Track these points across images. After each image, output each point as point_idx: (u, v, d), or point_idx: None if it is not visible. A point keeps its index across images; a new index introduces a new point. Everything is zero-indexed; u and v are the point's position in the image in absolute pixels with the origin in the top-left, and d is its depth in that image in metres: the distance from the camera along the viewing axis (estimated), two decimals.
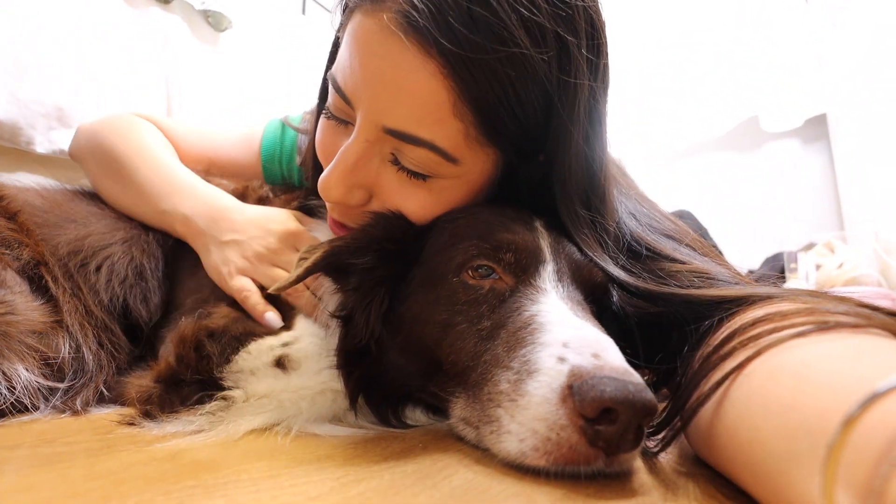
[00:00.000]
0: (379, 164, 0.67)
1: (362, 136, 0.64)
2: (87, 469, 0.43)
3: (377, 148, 0.65)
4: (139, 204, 0.87)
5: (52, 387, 0.63)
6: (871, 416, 0.27)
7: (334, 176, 0.66)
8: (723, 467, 0.46)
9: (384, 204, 0.68)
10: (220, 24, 1.97)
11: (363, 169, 0.66)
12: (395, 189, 0.67)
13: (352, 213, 0.71)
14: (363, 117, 0.64)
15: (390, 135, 0.63)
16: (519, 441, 0.45)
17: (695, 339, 0.56)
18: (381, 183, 0.67)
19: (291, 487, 0.40)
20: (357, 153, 0.65)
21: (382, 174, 0.67)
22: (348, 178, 0.66)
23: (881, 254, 2.13)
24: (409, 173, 0.66)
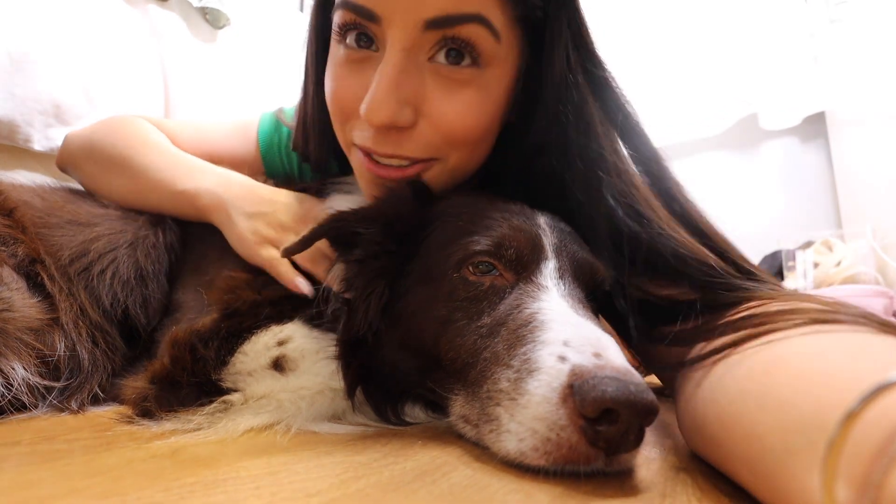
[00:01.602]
0: (420, 74, 0.65)
1: (399, 46, 0.63)
2: (86, 466, 0.43)
3: (416, 56, 0.64)
4: (151, 190, 0.86)
5: (48, 385, 0.63)
6: (871, 411, 0.27)
7: (379, 94, 0.63)
8: (720, 463, 0.46)
9: (432, 118, 0.66)
10: (218, 22, 1.96)
11: (407, 81, 0.64)
12: (442, 96, 0.66)
13: (400, 140, 0.67)
14: (399, 22, 0.61)
15: (432, 28, 0.61)
16: (518, 440, 0.45)
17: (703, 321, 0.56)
18: (426, 94, 0.65)
19: (290, 484, 0.40)
20: (398, 65, 0.63)
21: (427, 83, 0.65)
22: (395, 93, 0.63)
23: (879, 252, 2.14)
24: (453, 73, 0.65)
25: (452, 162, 0.72)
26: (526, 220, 0.63)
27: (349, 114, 0.70)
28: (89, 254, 0.78)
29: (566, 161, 0.69)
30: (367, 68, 0.66)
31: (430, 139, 0.68)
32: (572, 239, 0.65)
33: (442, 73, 0.65)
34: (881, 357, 0.37)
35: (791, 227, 2.55)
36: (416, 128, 0.67)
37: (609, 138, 0.69)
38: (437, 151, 0.70)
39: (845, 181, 2.52)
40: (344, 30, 0.67)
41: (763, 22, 2.69)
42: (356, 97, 0.67)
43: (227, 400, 0.60)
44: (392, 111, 0.64)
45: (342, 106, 0.70)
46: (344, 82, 0.69)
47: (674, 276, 0.62)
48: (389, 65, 0.63)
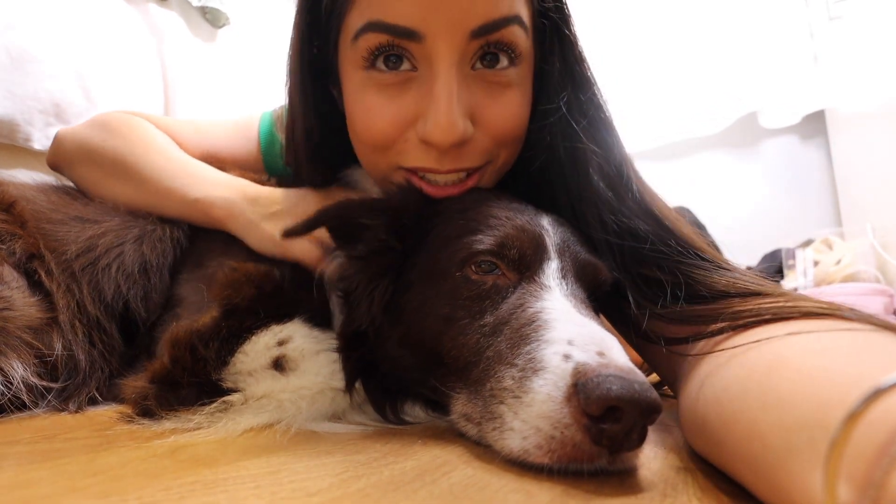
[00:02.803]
0: (468, 84, 0.65)
1: (449, 61, 0.62)
2: (86, 465, 0.43)
3: (463, 67, 0.64)
4: (160, 198, 0.84)
5: (46, 386, 0.63)
6: (873, 411, 0.27)
7: (446, 114, 0.63)
8: (721, 462, 0.46)
9: (486, 125, 0.67)
10: (218, 21, 1.96)
11: (462, 95, 0.64)
12: (491, 102, 0.67)
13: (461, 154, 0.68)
14: (445, 36, 0.61)
15: (477, 37, 0.62)
16: (522, 438, 0.45)
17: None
18: (477, 102, 0.66)
19: (291, 483, 0.40)
20: (453, 80, 0.63)
21: (475, 92, 0.66)
22: (458, 110, 0.63)
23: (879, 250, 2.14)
24: (496, 77, 0.66)
25: (501, 161, 0.73)
26: (529, 220, 0.64)
27: (392, 141, 0.68)
28: (97, 248, 0.78)
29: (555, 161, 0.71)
30: (408, 91, 0.66)
31: (486, 146, 0.69)
32: (575, 239, 0.65)
33: (487, 78, 0.67)
34: (883, 356, 0.37)
35: (791, 225, 2.55)
36: (473, 139, 0.68)
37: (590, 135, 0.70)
38: (490, 155, 0.71)
39: (845, 179, 2.52)
40: (375, 55, 0.65)
41: (763, 20, 2.69)
42: (401, 123, 0.66)
43: (227, 400, 0.60)
44: (462, 129, 0.64)
45: (383, 135, 0.68)
46: (383, 111, 0.67)
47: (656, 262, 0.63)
48: (446, 82, 0.63)
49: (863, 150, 2.35)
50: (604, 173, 0.69)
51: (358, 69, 0.67)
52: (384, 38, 0.63)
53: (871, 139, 2.26)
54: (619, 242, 0.65)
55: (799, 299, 0.52)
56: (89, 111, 1.46)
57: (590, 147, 0.68)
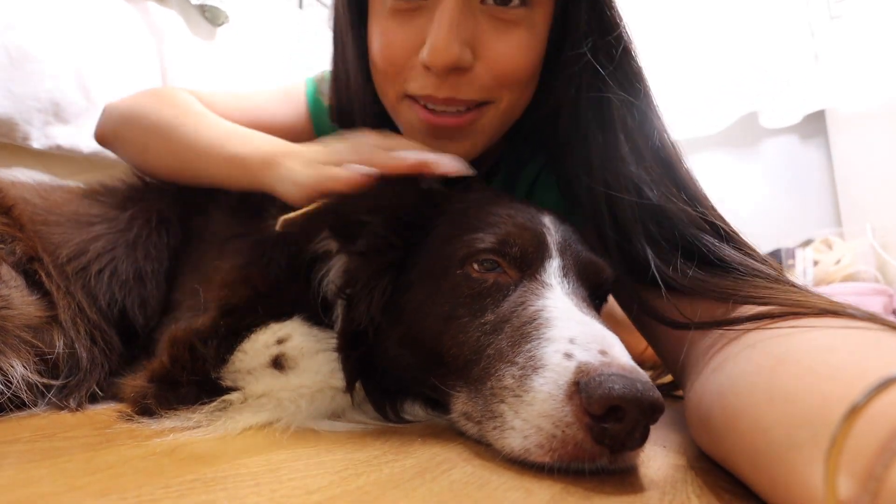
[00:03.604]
0: (475, 17, 0.67)
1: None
2: (85, 463, 0.42)
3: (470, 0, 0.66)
4: (199, 157, 0.82)
5: (47, 384, 0.63)
6: (875, 406, 0.27)
7: (443, 36, 0.65)
8: (722, 456, 0.46)
9: (488, 59, 0.68)
10: (217, 19, 1.96)
11: (465, 23, 0.66)
12: (496, 37, 0.68)
13: (459, 84, 0.69)
14: None
15: None
16: (523, 437, 0.45)
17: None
18: (481, 36, 0.68)
19: (290, 481, 0.40)
20: (454, 7, 0.65)
21: (481, 25, 0.68)
22: (457, 35, 0.65)
23: (878, 250, 2.14)
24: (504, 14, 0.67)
25: (504, 104, 0.74)
26: (530, 217, 0.63)
27: (401, 65, 0.71)
28: (88, 253, 0.77)
29: (577, 125, 0.71)
30: (417, 17, 0.68)
31: (486, 81, 0.70)
32: (576, 238, 0.65)
33: (494, 14, 0.68)
34: (890, 353, 0.37)
35: (791, 224, 2.55)
36: (472, 70, 0.69)
37: (623, 108, 0.70)
38: (491, 93, 0.72)
39: (845, 179, 2.52)
40: None
41: (763, 20, 2.69)
42: (408, 48, 0.69)
43: (226, 399, 0.60)
44: (456, 52, 0.66)
45: (394, 58, 0.71)
46: (394, 35, 0.70)
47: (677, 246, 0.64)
48: (448, 7, 0.65)
49: (863, 149, 2.35)
50: (626, 125, 0.69)
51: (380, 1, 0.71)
52: None
53: (871, 139, 2.27)
54: (637, 200, 0.66)
55: (813, 295, 0.52)
56: (88, 110, 1.46)
57: (616, 96, 0.69)
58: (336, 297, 0.67)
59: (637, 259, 0.65)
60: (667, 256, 0.63)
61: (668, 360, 0.71)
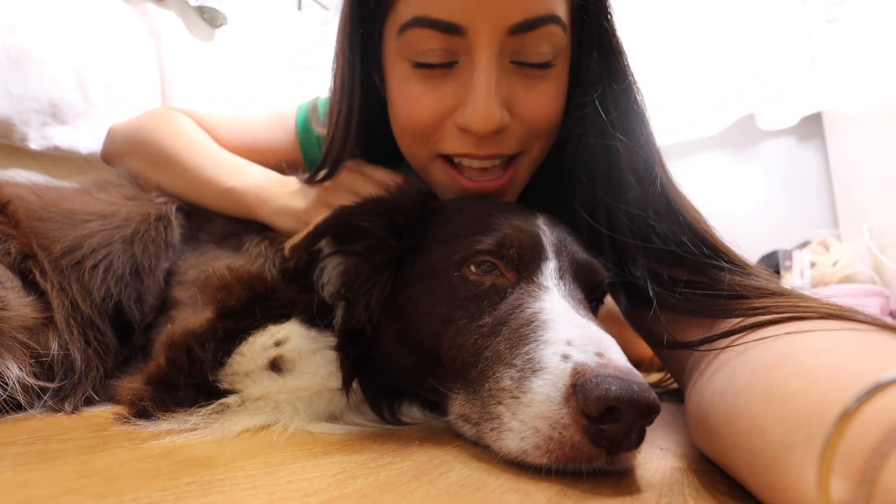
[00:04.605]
0: (507, 76, 0.68)
1: (488, 53, 0.65)
2: (82, 466, 0.42)
3: (502, 60, 0.67)
4: (199, 188, 0.88)
5: (42, 386, 0.63)
6: (869, 409, 0.27)
7: (484, 102, 0.66)
8: (719, 456, 0.46)
9: (521, 115, 0.70)
10: (216, 21, 1.96)
11: (502, 86, 0.67)
12: (527, 93, 0.69)
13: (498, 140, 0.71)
14: (485, 30, 0.64)
15: (515, 33, 0.65)
16: (520, 439, 0.45)
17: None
18: (514, 93, 0.69)
19: (288, 484, 0.40)
20: (492, 71, 0.66)
21: (513, 83, 0.69)
22: (496, 99, 0.66)
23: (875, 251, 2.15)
24: (532, 71, 0.69)
25: (535, 152, 0.76)
26: (526, 220, 0.64)
27: (432, 129, 0.72)
28: (82, 248, 0.77)
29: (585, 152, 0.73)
30: (447, 81, 0.69)
31: (520, 135, 0.72)
32: (572, 240, 0.65)
33: (523, 71, 0.69)
34: (887, 355, 0.37)
35: (788, 226, 2.56)
36: (509, 128, 0.71)
37: (621, 126, 0.72)
38: (524, 144, 0.74)
39: (842, 181, 2.53)
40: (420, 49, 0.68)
41: (761, 22, 2.70)
42: (441, 111, 0.70)
43: (224, 402, 0.60)
44: (499, 116, 0.67)
45: (426, 122, 0.71)
46: (423, 100, 0.70)
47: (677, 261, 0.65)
48: (485, 73, 0.66)
49: (860, 151, 2.36)
50: (633, 167, 0.71)
51: (402, 60, 0.70)
52: (429, 35, 0.66)
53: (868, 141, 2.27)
54: (642, 235, 0.67)
55: (815, 301, 0.53)
56: (87, 111, 1.46)
57: (620, 139, 0.70)
58: (335, 298, 0.68)
59: (637, 285, 0.66)
60: (669, 282, 0.64)
61: (671, 365, 0.71)
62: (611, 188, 0.71)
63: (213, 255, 0.80)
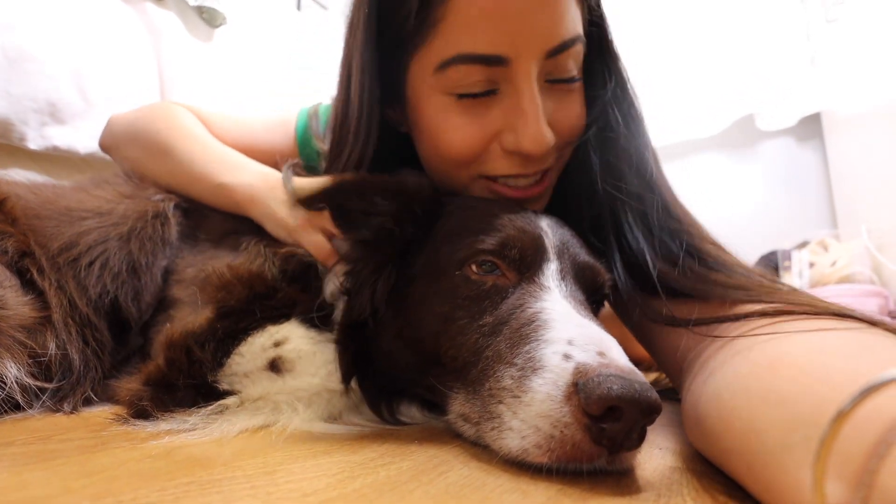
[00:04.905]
0: (545, 95, 0.70)
1: (530, 78, 0.67)
2: (80, 466, 0.42)
3: (541, 82, 0.69)
4: (192, 182, 0.89)
5: (41, 386, 0.63)
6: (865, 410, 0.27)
7: (536, 125, 0.68)
8: (717, 457, 0.46)
9: (558, 129, 0.72)
10: (215, 21, 1.96)
11: (544, 106, 0.70)
12: (561, 108, 0.73)
13: (547, 160, 0.74)
14: (526, 57, 0.66)
15: (551, 56, 0.68)
16: (521, 438, 0.45)
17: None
18: (550, 111, 0.71)
19: (287, 484, 0.40)
20: (536, 95, 0.68)
21: (548, 103, 0.71)
22: (544, 120, 0.69)
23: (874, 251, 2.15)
24: (562, 86, 0.72)
25: (562, 161, 0.79)
26: (529, 221, 0.64)
27: (476, 155, 0.73)
28: (78, 245, 0.77)
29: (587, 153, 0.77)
30: (490, 109, 0.70)
31: (558, 145, 0.74)
32: (574, 241, 0.65)
33: (556, 88, 0.72)
34: (884, 355, 0.37)
35: (787, 226, 2.56)
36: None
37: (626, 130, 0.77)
38: (560, 154, 0.77)
39: (841, 181, 2.53)
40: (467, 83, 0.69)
41: (760, 23, 2.70)
42: (486, 137, 0.71)
43: (223, 403, 0.60)
44: (550, 137, 0.69)
45: (472, 150, 0.72)
46: (469, 129, 0.71)
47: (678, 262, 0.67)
48: (532, 98, 0.68)
49: (859, 152, 2.36)
50: (630, 162, 0.74)
51: (441, 94, 0.71)
52: (474, 69, 0.67)
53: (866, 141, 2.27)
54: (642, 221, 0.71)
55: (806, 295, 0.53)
56: (85, 111, 1.46)
57: (621, 136, 0.74)
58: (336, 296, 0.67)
59: (637, 266, 0.68)
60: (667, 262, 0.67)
61: (666, 364, 0.71)
62: (611, 181, 0.74)
63: (212, 254, 0.79)
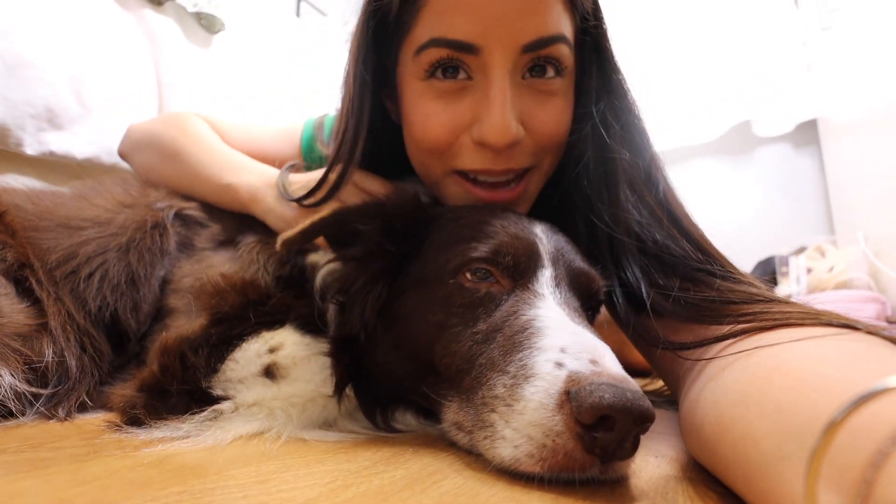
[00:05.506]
0: (520, 91, 0.71)
1: (502, 70, 0.68)
2: (72, 474, 0.42)
3: (515, 76, 0.70)
4: (200, 183, 0.93)
5: (35, 393, 0.62)
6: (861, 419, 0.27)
7: (501, 116, 0.68)
8: (713, 465, 0.46)
9: (533, 129, 0.72)
10: (213, 27, 1.96)
11: (516, 102, 0.70)
12: (538, 108, 0.72)
13: (512, 154, 0.73)
14: (499, 49, 0.67)
15: (527, 51, 0.68)
16: (513, 447, 0.45)
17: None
18: (526, 109, 0.72)
19: (279, 493, 0.39)
20: (507, 86, 0.69)
21: (524, 98, 0.71)
22: (511, 113, 0.69)
23: (871, 257, 2.15)
24: (543, 86, 0.72)
25: (545, 166, 0.78)
26: (523, 228, 0.64)
27: (448, 144, 0.73)
28: (77, 257, 0.76)
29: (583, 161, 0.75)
30: (463, 98, 0.71)
31: (533, 149, 0.74)
32: (568, 248, 0.65)
33: (535, 87, 0.72)
34: (881, 365, 0.37)
35: (784, 232, 2.56)
36: (522, 141, 0.73)
37: (623, 140, 0.75)
38: (536, 158, 0.76)
39: (837, 187, 2.54)
40: (435, 66, 0.70)
41: (756, 30, 2.72)
42: (457, 127, 0.72)
43: (217, 409, 0.59)
44: (515, 130, 0.69)
45: (443, 138, 0.73)
46: (442, 116, 0.72)
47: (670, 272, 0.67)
48: (500, 89, 0.68)
49: (855, 157, 2.37)
50: (632, 179, 0.73)
51: (418, 79, 0.73)
52: (444, 53, 0.69)
53: (863, 147, 2.29)
54: (639, 242, 0.69)
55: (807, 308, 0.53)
56: (83, 117, 1.46)
57: (621, 154, 0.73)
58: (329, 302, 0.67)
59: (632, 290, 0.67)
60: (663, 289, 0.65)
61: (663, 372, 0.71)
62: (611, 199, 0.72)
63: (209, 263, 0.79)
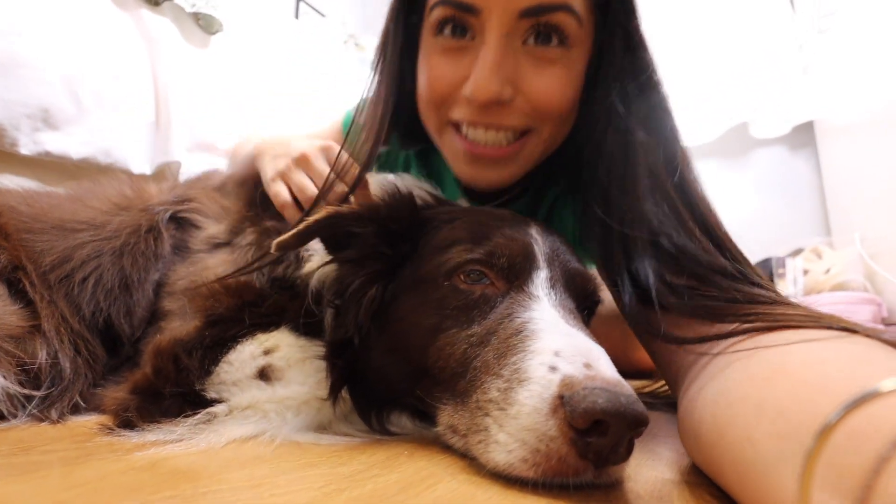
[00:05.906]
0: (516, 56, 0.74)
1: (497, 32, 0.72)
2: (63, 478, 0.42)
3: (513, 41, 0.73)
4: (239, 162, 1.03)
5: (28, 394, 0.62)
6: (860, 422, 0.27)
7: (485, 72, 0.72)
8: (710, 465, 0.46)
9: (527, 92, 0.75)
10: (211, 27, 1.96)
11: (506, 62, 0.73)
12: (535, 73, 0.75)
13: (501, 113, 0.76)
14: (497, 11, 0.71)
15: (526, 16, 0.71)
16: (507, 452, 0.44)
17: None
18: (522, 72, 0.75)
19: (272, 497, 0.39)
20: (498, 48, 0.72)
21: (522, 63, 0.74)
22: (498, 73, 0.72)
23: (867, 259, 2.16)
24: (544, 53, 0.74)
25: (545, 135, 0.80)
26: (518, 229, 0.63)
27: (447, 97, 0.79)
28: (72, 260, 0.76)
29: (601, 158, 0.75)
30: (465, 56, 0.76)
31: (526, 111, 0.77)
32: (564, 249, 0.65)
33: (534, 53, 0.75)
34: (880, 367, 0.37)
35: (781, 234, 2.57)
36: (513, 103, 0.76)
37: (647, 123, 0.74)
38: (532, 122, 0.78)
39: (834, 189, 2.54)
40: (442, 24, 0.76)
41: (753, 33, 2.72)
42: (454, 82, 0.77)
43: (211, 411, 0.59)
44: (496, 88, 0.73)
45: (441, 90, 0.79)
46: (442, 70, 0.78)
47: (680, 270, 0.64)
48: (491, 49, 0.72)
49: (851, 159, 2.38)
50: (652, 165, 0.71)
51: (429, 36, 0.79)
52: (449, 12, 0.74)
53: (859, 149, 2.29)
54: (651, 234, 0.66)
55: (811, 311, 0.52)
56: (78, 117, 1.46)
57: (642, 137, 0.72)
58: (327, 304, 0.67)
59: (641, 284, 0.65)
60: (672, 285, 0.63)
61: (666, 369, 0.71)
62: (627, 185, 0.71)
63: (204, 265, 0.79)
